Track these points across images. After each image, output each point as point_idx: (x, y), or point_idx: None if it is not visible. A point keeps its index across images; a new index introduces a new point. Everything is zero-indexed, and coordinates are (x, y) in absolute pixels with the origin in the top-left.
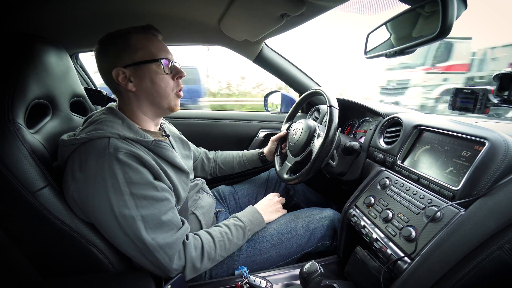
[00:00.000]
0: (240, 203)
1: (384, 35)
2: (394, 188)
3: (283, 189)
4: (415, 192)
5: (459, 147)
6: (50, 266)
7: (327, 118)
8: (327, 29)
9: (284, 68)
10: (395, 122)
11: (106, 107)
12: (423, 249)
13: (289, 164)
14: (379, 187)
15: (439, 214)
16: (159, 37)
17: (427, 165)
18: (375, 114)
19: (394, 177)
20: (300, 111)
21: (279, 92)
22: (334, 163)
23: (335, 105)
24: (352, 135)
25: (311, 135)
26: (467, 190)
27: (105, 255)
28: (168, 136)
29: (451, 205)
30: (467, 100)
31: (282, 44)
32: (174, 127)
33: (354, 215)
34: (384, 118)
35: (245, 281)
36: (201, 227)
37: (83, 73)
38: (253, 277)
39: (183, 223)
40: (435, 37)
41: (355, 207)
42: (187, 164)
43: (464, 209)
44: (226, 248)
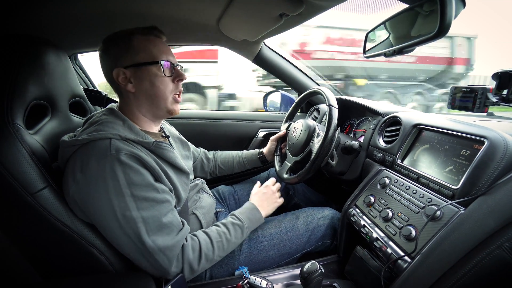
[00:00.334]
0: (240, 203)
1: (383, 34)
2: (393, 187)
3: (283, 189)
4: (414, 191)
5: (459, 146)
6: (50, 267)
7: (326, 117)
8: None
9: (283, 67)
10: (395, 121)
11: (106, 107)
12: (423, 248)
13: (288, 163)
14: (378, 186)
15: (439, 213)
16: (162, 38)
17: (427, 164)
18: (374, 113)
19: (393, 176)
20: (299, 111)
21: (278, 91)
22: (333, 163)
23: (335, 104)
24: (351, 135)
25: (310, 134)
26: (467, 189)
27: (105, 255)
28: (168, 137)
29: (450, 204)
30: (466, 99)
31: (282, 44)
32: (173, 128)
33: (354, 215)
34: (383, 117)
35: (246, 281)
36: (202, 227)
37: (82, 73)
38: (254, 277)
39: (183, 224)
40: (433, 35)
41: (355, 206)
42: (187, 164)
43: (463, 208)
44: (224, 248)
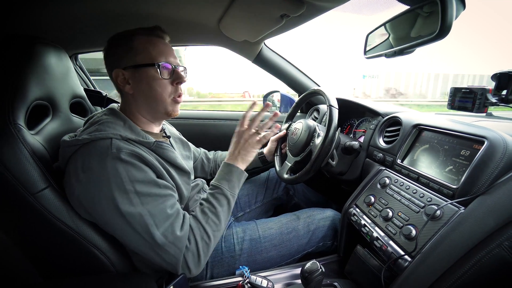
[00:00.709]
0: (240, 203)
1: (383, 35)
2: (394, 187)
3: (283, 189)
4: (414, 190)
5: (458, 146)
6: (50, 266)
7: (326, 117)
8: (326, 29)
9: (283, 68)
10: (395, 121)
11: (107, 108)
12: (423, 247)
13: (289, 164)
14: (379, 186)
15: (438, 212)
16: (165, 39)
17: (427, 164)
18: (374, 113)
19: (394, 176)
20: (299, 111)
21: (278, 92)
22: (334, 163)
23: (335, 104)
24: (351, 135)
25: (311, 134)
26: (467, 188)
27: (106, 255)
28: (169, 137)
29: (450, 203)
30: (465, 99)
31: (281, 43)
32: (174, 128)
33: (354, 214)
34: (383, 117)
35: (246, 280)
36: None
37: (83, 74)
38: (254, 277)
39: (184, 215)
40: (434, 37)
41: (355, 206)
42: (187, 164)
43: (463, 207)
44: (215, 223)
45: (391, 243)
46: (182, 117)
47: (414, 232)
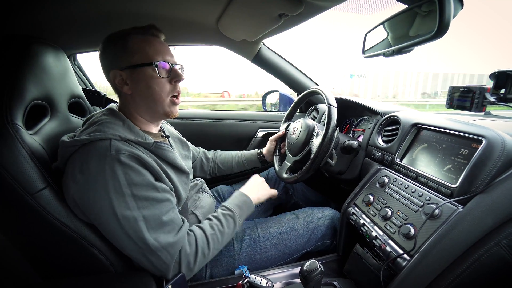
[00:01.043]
0: None
1: (381, 34)
2: (392, 186)
3: (282, 188)
4: (413, 190)
5: (457, 145)
6: (49, 267)
7: (325, 117)
8: (326, 29)
9: (282, 67)
10: (393, 120)
11: (106, 108)
12: (422, 246)
13: (288, 163)
14: (377, 185)
15: (437, 211)
16: (161, 37)
17: (425, 163)
18: (373, 113)
19: (392, 175)
20: (298, 111)
21: (277, 91)
22: (333, 162)
23: (334, 104)
24: (350, 134)
25: (310, 134)
26: (465, 187)
27: (106, 255)
28: (168, 137)
29: (449, 202)
30: (464, 98)
31: (281, 44)
32: (173, 128)
33: (353, 214)
34: (382, 116)
35: (246, 280)
36: None
37: (81, 74)
38: (254, 276)
39: (183, 222)
40: (432, 36)
41: (354, 205)
42: (186, 164)
43: (462, 206)
44: (219, 240)
45: (390, 242)
46: (181, 116)
47: (413, 231)
